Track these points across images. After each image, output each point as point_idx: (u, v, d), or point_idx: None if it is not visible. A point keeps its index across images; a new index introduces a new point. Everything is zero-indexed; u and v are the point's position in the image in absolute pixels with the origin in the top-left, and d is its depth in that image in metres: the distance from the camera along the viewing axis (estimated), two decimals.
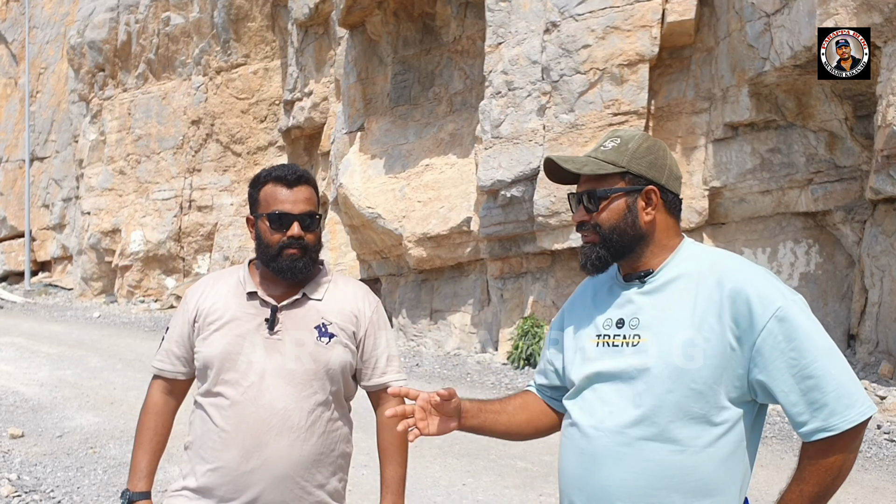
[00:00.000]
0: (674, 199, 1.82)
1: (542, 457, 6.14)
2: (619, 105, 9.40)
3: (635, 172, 1.79)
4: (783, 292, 1.65)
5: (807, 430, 1.61)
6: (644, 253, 1.80)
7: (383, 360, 2.27)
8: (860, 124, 8.16)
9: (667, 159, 1.82)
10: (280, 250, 2.13)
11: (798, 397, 1.60)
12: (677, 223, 1.84)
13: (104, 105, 20.91)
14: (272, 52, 18.29)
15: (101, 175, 20.67)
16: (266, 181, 2.18)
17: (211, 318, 2.17)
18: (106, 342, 13.07)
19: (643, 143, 1.82)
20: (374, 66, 13.54)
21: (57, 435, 6.84)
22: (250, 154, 18.53)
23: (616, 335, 1.77)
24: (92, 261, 21.07)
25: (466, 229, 11.20)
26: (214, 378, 2.13)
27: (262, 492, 2.07)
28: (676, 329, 1.69)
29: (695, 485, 1.65)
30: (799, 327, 1.60)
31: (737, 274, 1.68)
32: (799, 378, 1.59)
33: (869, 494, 5.23)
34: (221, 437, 2.09)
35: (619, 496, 1.69)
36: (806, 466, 1.63)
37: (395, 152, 12.86)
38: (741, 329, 1.64)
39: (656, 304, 1.75)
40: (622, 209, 1.79)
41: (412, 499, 5.12)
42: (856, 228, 8.26)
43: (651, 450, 1.67)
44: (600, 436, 1.73)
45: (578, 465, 1.78)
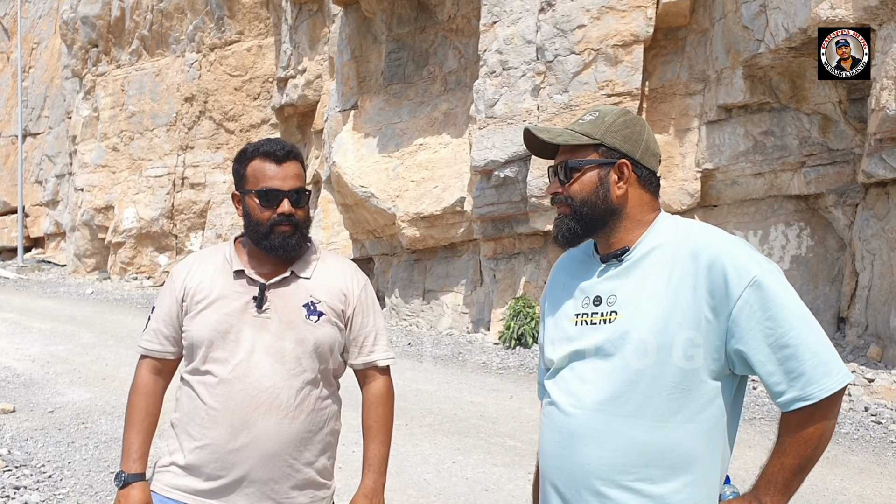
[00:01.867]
0: (648, 174, 1.80)
1: (530, 435, 6.18)
2: (612, 86, 9.38)
3: (609, 145, 1.77)
4: (758, 261, 1.63)
5: (784, 400, 1.60)
6: (618, 228, 1.78)
7: (371, 339, 2.27)
8: (854, 107, 8.16)
9: (643, 135, 1.80)
10: (271, 227, 2.11)
11: (775, 367, 1.59)
12: (654, 199, 1.82)
13: (97, 81, 20.78)
14: (266, 29, 18.17)
15: (95, 151, 20.59)
16: (253, 156, 2.15)
17: (199, 297, 2.16)
18: (98, 318, 13.07)
19: (620, 117, 1.80)
20: (369, 43, 13.47)
21: (48, 410, 6.85)
22: (243, 131, 18.46)
23: (594, 313, 1.76)
24: (85, 237, 21.03)
25: (460, 209, 11.20)
26: (203, 356, 2.12)
27: (250, 469, 2.07)
28: (651, 303, 1.68)
29: (674, 460, 1.65)
30: (775, 296, 1.59)
31: (711, 244, 1.66)
32: (775, 347, 1.58)
33: (855, 475, 5.29)
34: (209, 415, 2.09)
35: (597, 474, 1.69)
36: (786, 439, 1.62)
37: (388, 131, 12.82)
38: (717, 300, 1.62)
39: (632, 279, 1.73)
40: (594, 182, 1.77)
41: (402, 476, 5.17)
42: (847, 212, 8.28)
43: (629, 426, 1.66)
44: (578, 414, 1.72)
45: (557, 444, 1.77)
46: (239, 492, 2.09)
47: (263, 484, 2.09)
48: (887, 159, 7.19)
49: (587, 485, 1.70)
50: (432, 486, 5.03)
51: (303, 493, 2.16)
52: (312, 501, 2.19)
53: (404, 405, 6.98)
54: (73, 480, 5.08)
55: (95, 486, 4.99)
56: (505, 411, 6.97)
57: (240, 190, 2.18)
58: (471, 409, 7.07)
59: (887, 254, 7.48)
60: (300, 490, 2.15)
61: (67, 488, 4.93)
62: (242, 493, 2.09)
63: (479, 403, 7.27)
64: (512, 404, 7.27)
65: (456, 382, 8.25)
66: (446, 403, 7.24)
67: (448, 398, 7.47)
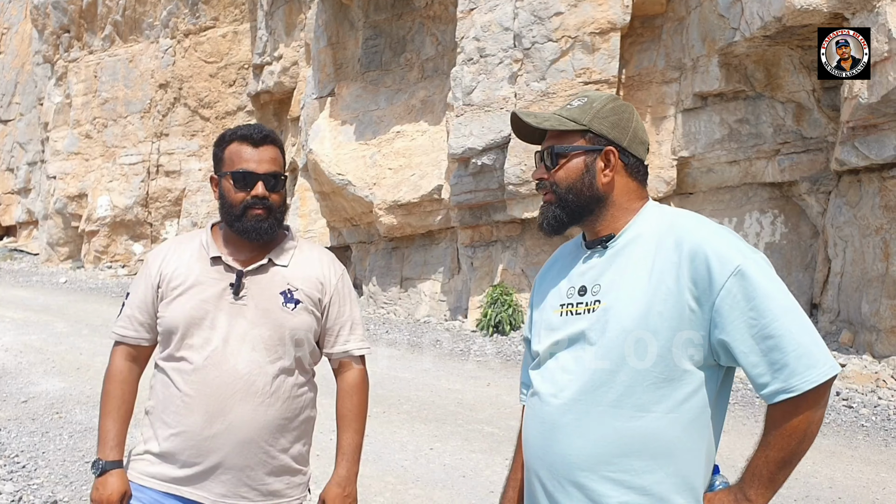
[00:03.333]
0: (636, 162, 1.78)
1: (508, 421, 6.21)
2: (590, 73, 9.40)
3: (596, 132, 1.74)
4: (742, 250, 1.60)
5: (768, 392, 1.57)
6: (604, 216, 1.76)
7: (347, 328, 2.26)
8: (827, 96, 8.24)
9: (632, 122, 1.77)
10: (244, 210, 2.10)
11: (758, 358, 1.56)
12: (640, 187, 1.80)
13: (69, 67, 20.49)
14: (241, 15, 17.99)
15: (67, 139, 20.32)
16: (231, 139, 2.15)
17: (174, 283, 2.14)
18: (72, 307, 12.94)
19: (609, 103, 1.78)
20: (345, 30, 13.39)
21: (22, 400, 6.78)
22: (219, 119, 18.30)
23: (578, 303, 1.74)
24: (58, 226, 20.78)
25: (437, 197, 11.19)
26: (178, 343, 2.11)
27: (226, 456, 2.07)
28: (633, 291, 1.65)
29: (656, 451, 1.62)
30: (758, 286, 1.56)
31: (695, 233, 1.64)
32: (759, 338, 1.55)
33: (826, 459, 5.37)
34: (184, 402, 2.08)
35: (578, 465, 1.67)
36: (770, 431, 1.59)
37: (365, 118, 12.77)
38: (700, 289, 1.60)
39: (616, 267, 1.71)
40: (580, 168, 1.75)
41: (380, 463, 5.17)
42: (820, 199, 8.37)
43: (610, 416, 1.64)
44: (559, 404, 1.70)
45: (539, 434, 1.75)
46: (214, 478, 2.08)
47: (239, 470, 2.08)
48: (860, 147, 7.27)
49: (569, 476, 1.68)
50: (410, 472, 5.05)
51: (278, 479, 2.16)
52: (288, 488, 2.19)
53: (382, 392, 6.98)
54: (48, 470, 5.04)
55: (70, 476, 4.95)
56: (482, 398, 7.00)
57: (217, 173, 2.18)
58: (448, 396, 7.08)
59: (859, 241, 7.58)
60: (276, 476, 2.15)
61: (42, 478, 4.89)
62: (218, 480, 2.08)
63: (456, 391, 7.29)
64: (489, 391, 7.30)
65: (434, 370, 8.27)
66: (424, 391, 7.26)
67: (426, 385, 7.48)
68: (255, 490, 2.11)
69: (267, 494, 2.14)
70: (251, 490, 2.11)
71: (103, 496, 2.12)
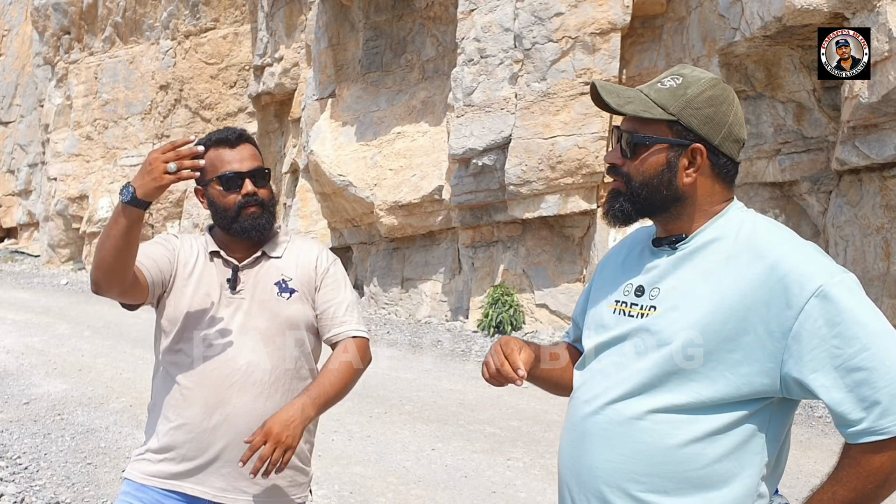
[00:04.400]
0: (726, 162, 1.55)
1: (509, 422, 6.22)
2: (590, 74, 9.41)
3: (685, 124, 1.51)
4: (829, 269, 1.39)
5: (853, 432, 1.36)
6: (679, 215, 1.56)
7: (342, 309, 2.22)
8: (828, 95, 8.24)
9: (729, 115, 1.53)
10: (239, 210, 2.13)
11: (843, 394, 1.35)
12: (727, 189, 1.57)
13: (70, 69, 20.50)
14: (242, 16, 17.99)
15: (68, 140, 20.34)
16: (207, 147, 2.15)
17: (184, 271, 2.18)
18: (73, 309, 12.95)
19: (706, 90, 1.53)
20: (346, 31, 13.40)
21: (24, 402, 6.79)
22: (220, 120, 18.29)
23: (633, 304, 1.57)
24: (59, 227, 20.79)
25: (438, 198, 11.19)
26: (178, 335, 2.13)
27: (225, 448, 2.08)
28: (691, 304, 1.47)
29: (693, 474, 1.45)
30: (845, 310, 1.34)
31: (774, 247, 1.44)
32: (844, 371, 1.34)
33: (828, 458, 5.37)
34: (183, 395, 2.10)
35: (605, 479, 1.52)
36: (845, 468, 1.39)
37: (366, 119, 12.78)
38: (773, 312, 1.39)
39: (680, 274, 1.53)
40: (660, 164, 1.53)
41: (382, 463, 5.18)
42: (821, 199, 8.37)
43: (645, 431, 1.48)
44: (591, 411, 1.56)
45: (571, 441, 1.61)
46: (214, 471, 2.09)
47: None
48: (860, 147, 7.27)
49: (594, 489, 1.54)
50: (412, 473, 5.05)
51: (281, 474, 2.15)
52: (290, 486, 2.19)
53: (383, 393, 6.99)
54: (50, 472, 5.05)
55: (72, 478, 4.96)
56: (484, 399, 7.00)
57: (201, 184, 2.18)
58: (450, 396, 7.09)
59: (860, 240, 7.58)
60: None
61: (44, 479, 4.90)
62: (218, 474, 2.09)
63: (458, 391, 7.30)
64: (491, 392, 7.30)
65: (435, 370, 8.27)
66: (425, 391, 7.26)
67: (427, 386, 7.49)
68: (257, 485, 2.11)
69: (269, 489, 2.14)
70: (252, 484, 2.10)
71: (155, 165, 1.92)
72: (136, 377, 7.61)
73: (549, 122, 9.55)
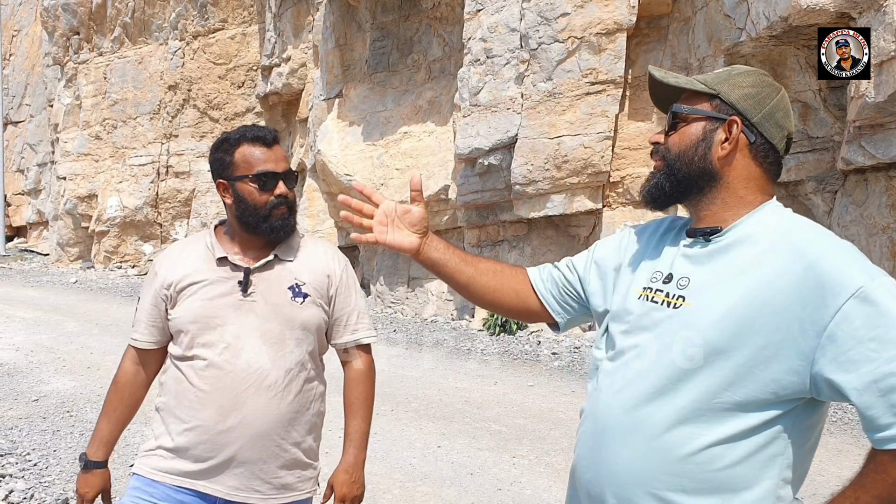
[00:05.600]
0: (765, 145, 1.53)
1: (515, 420, 6.25)
2: (596, 74, 9.43)
3: (725, 98, 1.53)
4: (869, 270, 1.36)
5: (881, 437, 1.33)
6: (713, 198, 1.55)
7: (354, 317, 2.31)
8: (833, 95, 8.24)
9: (772, 98, 1.53)
10: (270, 211, 2.15)
11: (875, 398, 1.31)
12: (766, 177, 1.56)
13: (79, 69, 20.59)
14: (250, 16, 18.06)
15: (77, 140, 20.42)
16: (240, 143, 2.18)
17: (182, 286, 2.18)
18: (83, 307, 13.02)
19: (751, 75, 1.56)
20: (353, 32, 13.44)
21: (33, 399, 6.85)
22: (228, 120, 18.36)
23: (659, 290, 1.55)
24: (68, 226, 20.88)
25: (444, 197, 11.22)
26: (190, 342, 2.15)
27: (240, 450, 2.11)
28: (723, 300, 1.44)
29: (712, 476, 1.43)
30: (885, 313, 1.31)
31: (813, 245, 1.42)
32: (878, 375, 1.30)
33: (833, 457, 5.38)
34: (198, 397, 2.12)
35: (623, 477, 1.50)
36: (869, 473, 1.35)
37: (373, 119, 12.81)
38: (808, 311, 1.36)
39: (713, 266, 1.50)
40: (697, 135, 1.54)
41: (388, 460, 5.22)
42: (827, 199, 8.37)
43: (666, 430, 1.46)
44: (614, 406, 1.53)
45: (590, 435, 1.59)
46: (228, 472, 2.12)
47: (252, 464, 2.12)
48: (866, 146, 7.27)
49: (611, 486, 1.52)
50: (418, 470, 5.09)
51: (290, 472, 2.20)
52: (299, 482, 2.23)
53: (390, 391, 7.03)
54: (59, 468, 5.10)
55: None
56: (489, 396, 7.03)
57: (227, 177, 2.19)
58: (456, 394, 7.12)
59: (866, 240, 7.58)
60: (288, 470, 2.19)
61: (53, 476, 4.95)
62: (231, 474, 2.12)
63: (463, 389, 7.33)
64: (496, 389, 7.33)
65: (441, 368, 8.31)
66: (431, 389, 7.30)
67: (433, 384, 7.52)
68: (268, 483, 2.15)
69: (279, 488, 2.18)
70: (264, 483, 2.14)
71: (82, 492, 2.27)
72: None
73: (555, 121, 9.57)
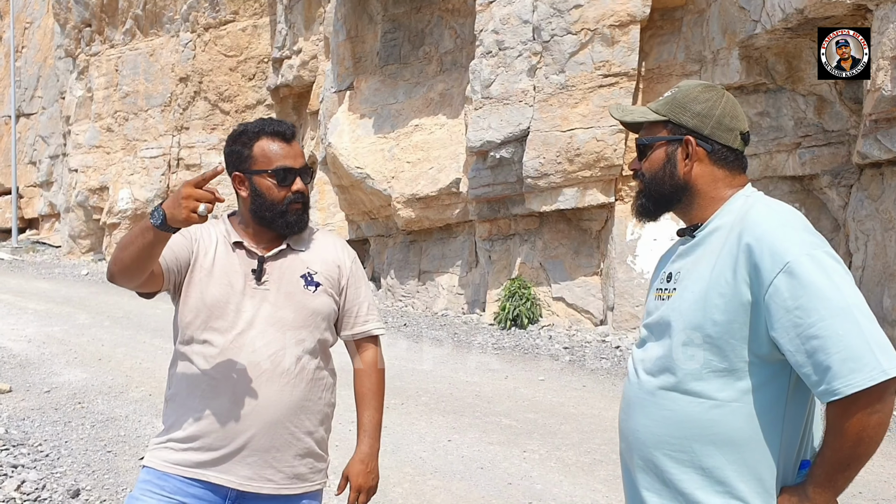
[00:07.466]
0: (721, 149, 1.79)
1: (525, 414, 6.22)
2: (609, 66, 9.36)
3: (676, 121, 1.79)
4: (801, 244, 1.58)
5: (818, 392, 1.56)
6: (691, 205, 1.82)
7: (364, 309, 2.33)
8: (849, 88, 8.15)
9: (716, 109, 1.78)
10: (287, 206, 2.17)
11: (804, 358, 1.54)
12: (730, 174, 1.81)
13: (91, 61, 20.63)
14: (261, 8, 18.03)
15: (89, 132, 20.48)
16: (259, 136, 2.17)
17: (203, 261, 2.18)
18: (94, 299, 13.07)
19: (692, 92, 1.81)
20: (364, 24, 13.40)
21: (45, 390, 6.87)
22: (239, 112, 18.36)
23: (664, 289, 1.83)
24: (80, 218, 20.96)
25: (455, 190, 11.19)
26: (202, 325, 2.14)
27: (253, 437, 2.10)
28: (697, 283, 1.71)
29: (717, 437, 1.65)
30: (808, 284, 1.53)
31: (758, 225, 1.64)
32: (804, 338, 1.53)
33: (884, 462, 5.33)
34: (211, 385, 2.11)
35: (644, 442, 1.77)
36: (827, 432, 1.58)
37: (384, 112, 12.78)
38: (753, 284, 1.61)
39: (693, 257, 1.77)
40: (662, 158, 1.81)
41: (399, 454, 5.20)
42: (842, 193, 8.29)
43: (671, 399, 1.72)
44: (635, 383, 1.83)
45: (622, 409, 1.89)
46: (240, 461, 2.11)
47: (265, 452, 2.11)
48: (882, 140, 7.19)
49: (638, 451, 1.79)
50: (428, 463, 5.07)
51: (303, 461, 2.19)
52: (311, 472, 2.23)
53: (400, 385, 7.01)
54: (70, 459, 5.11)
55: (92, 465, 5.02)
56: (500, 391, 7.01)
57: (244, 170, 2.19)
58: (466, 388, 7.10)
59: (881, 234, 7.51)
60: (300, 459, 2.18)
61: (65, 467, 4.96)
62: (244, 463, 2.11)
63: (474, 383, 7.31)
64: (507, 384, 7.31)
65: (451, 362, 8.29)
66: (442, 383, 7.28)
67: (444, 378, 7.51)
68: (281, 472, 2.14)
69: (292, 477, 2.17)
70: (277, 472, 2.13)
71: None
72: (155, 367, 7.68)
73: (568, 114, 9.52)
